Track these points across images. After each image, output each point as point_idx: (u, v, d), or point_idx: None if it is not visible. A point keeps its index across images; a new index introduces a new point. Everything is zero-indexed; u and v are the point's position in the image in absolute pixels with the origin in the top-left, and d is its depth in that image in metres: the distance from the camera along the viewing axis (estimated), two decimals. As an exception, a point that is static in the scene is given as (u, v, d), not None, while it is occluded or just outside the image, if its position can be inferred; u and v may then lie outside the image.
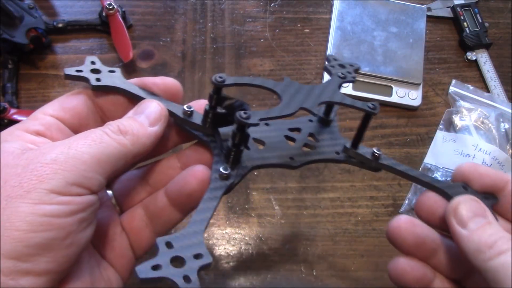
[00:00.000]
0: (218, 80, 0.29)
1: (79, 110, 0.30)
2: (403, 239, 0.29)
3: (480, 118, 0.55)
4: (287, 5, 0.64)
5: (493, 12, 0.67)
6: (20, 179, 0.23)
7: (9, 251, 0.22)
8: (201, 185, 0.29)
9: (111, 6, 0.56)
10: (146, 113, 0.29)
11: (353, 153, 0.33)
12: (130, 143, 0.27)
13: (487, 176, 0.29)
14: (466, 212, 0.27)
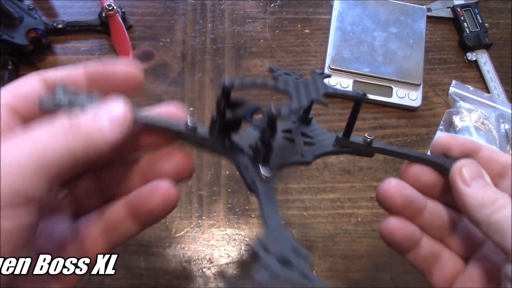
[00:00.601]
0: (227, 83, 0.27)
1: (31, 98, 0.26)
2: (393, 200, 0.32)
3: (480, 119, 0.55)
4: (287, 6, 0.64)
5: (493, 12, 0.67)
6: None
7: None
8: (165, 202, 0.28)
9: (111, 7, 0.56)
10: (111, 116, 0.25)
11: (347, 142, 0.34)
12: (81, 146, 0.24)
13: (464, 142, 0.32)
14: (469, 173, 0.29)
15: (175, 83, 0.57)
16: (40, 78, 0.27)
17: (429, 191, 0.32)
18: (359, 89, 0.57)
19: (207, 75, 0.58)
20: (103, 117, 0.25)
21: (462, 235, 0.32)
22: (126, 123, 0.26)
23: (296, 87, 0.31)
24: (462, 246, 0.32)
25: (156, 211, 0.29)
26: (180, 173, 0.30)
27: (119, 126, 0.25)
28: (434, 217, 0.32)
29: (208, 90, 0.57)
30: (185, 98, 0.57)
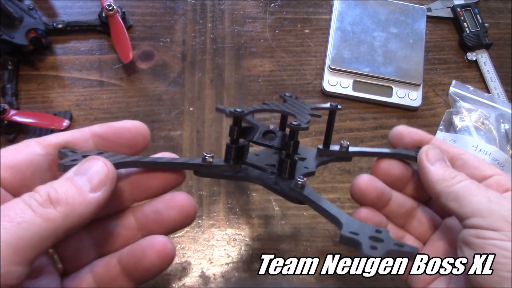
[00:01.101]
0: (237, 111, 0.29)
1: (23, 167, 0.25)
2: (367, 193, 0.35)
3: (480, 119, 0.55)
4: (287, 6, 0.64)
5: (493, 12, 0.67)
6: None
7: None
8: (161, 258, 0.27)
9: (111, 7, 0.56)
10: (88, 175, 0.24)
11: (327, 152, 0.38)
12: (61, 217, 0.22)
13: (416, 132, 0.37)
14: (433, 154, 0.34)
15: (175, 83, 0.57)
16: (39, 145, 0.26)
17: (397, 183, 0.37)
18: (359, 89, 0.58)
19: (207, 75, 0.58)
20: (81, 179, 0.24)
21: (421, 220, 0.37)
22: (110, 180, 0.25)
23: (292, 107, 0.35)
24: (421, 230, 0.37)
25: (152, 268, 0.27)
26: (184, 221, 0.29)
27: (101, 184, 0.24)
28: (398, 206, 0.36)
29: (208, 90, 0.57)
30: (185, 98, 0.57)
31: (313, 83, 0.59)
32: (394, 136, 0.38)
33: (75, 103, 0.55)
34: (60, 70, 0.57)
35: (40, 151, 0.26)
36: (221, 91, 0.57)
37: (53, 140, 0.27)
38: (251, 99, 0.57)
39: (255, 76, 0.59)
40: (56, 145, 0.27)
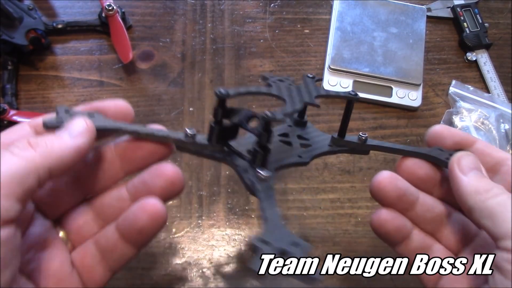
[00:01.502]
0: (221, 92, 0.29)
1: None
2: (386, 192, 0.32)
3: (480, 119, 0.55)
4: (287, 6, 0.64)
5: (493, 12, 0.67)
6: None
7: None
8: (153, 219, 0.28)
9: (111, 7, 0.56)
10: (68, 129, 0.26)
11: (342, 141, 0.35)
12: (40, 156, 0.24)
13: (457, 133, 0.33)
14: (467, 163, 0.30)
15: (174, 83, 0.57)
16: (31, 125, 0.28)
17: (424, 184, 0.33)
18: (359, 89, 0.58)
19: (207, 75, 0.58)
20: (63, 131, 0.26)
21: (453, 229, 0.33)
22: (88, 131, 0.27)
23: (289, 92, 0.32)
24: (453, 240, 0.33)
25: (146, 229, 0.28)
26: (171, 190, 0.30)
27: (80, 134, 0.26)
28: (426, 210, 0.33)
29: (208, 90, 0.57)
30: (185, 98, 0.57)
31: (313, 83, 0.59)
32: (432, 136, 0.34)
33: (75, 103, 0.55)
34: (60, 70, 0.57)
35: (29, 129, 0.28)
36: (221, 91, 0.57)
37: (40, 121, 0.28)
38: (251, 99, 0.57)
39: (255, 76, 0.59)
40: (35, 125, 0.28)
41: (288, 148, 0.35)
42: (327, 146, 0.36)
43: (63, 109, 0.28)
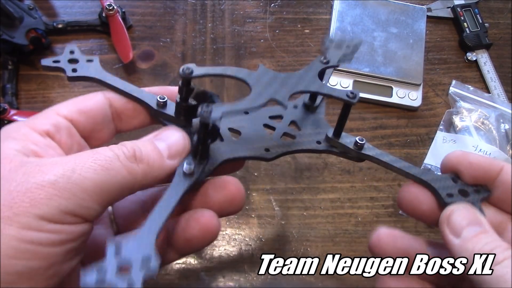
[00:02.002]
0: (185, 71, 0.27)
1: (94, 114, 0.28)
2: (384, 253, 0.29)
3: (480, 119, 0.55)
4: (287, 6, 0.64)
5: (493, 12, 0.67)
6: (11, 198, 0.21)
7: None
8: (203, 232, 0.27)
9: (111, 7, 0.56)
10: (169, 143, 0.27)
11: (334, 142, 0.32)
12: (141, 174, 0.25)
13: (477, 165, 0.28)
14: (460, 220, 0.25)
15: (175, 83, 0.57)
16: (105, 96, 0.29)
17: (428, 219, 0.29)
18: (359, 89, 0.58)
19: (207, 75, 0.58)
20: (161, 144, 0.26)
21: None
22: (186, 151, 0.27)
23: (271, 81, 0.28)
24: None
25: (194, 240, 0.28)
26: (229, 206, 0.29)
27: (178, 155, 0.27)
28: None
29: (208, 89, 0.57)
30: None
31: (313, 83, 0.59)
32: (446, 164, 0.29)
33: (75, 103, 0.55)
34: (60, 70, 0.57)
35: (105, 101, 0.29)
36: (221, 91, 0.57)
37: (115, 95, 0.30)
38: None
39: (255, 76, 0.59)
40: (119, 100, 0.29)
41: (265, 135, 0.32)
42: (314, 143, 0.32)
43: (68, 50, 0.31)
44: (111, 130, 0.29)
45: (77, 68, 0.30)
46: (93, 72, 0.30)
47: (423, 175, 0.29)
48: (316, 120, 0.33)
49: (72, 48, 0.31)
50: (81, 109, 0.28)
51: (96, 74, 0.30)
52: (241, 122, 0.32)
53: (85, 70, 0.30)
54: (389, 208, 0.53)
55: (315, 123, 0.33)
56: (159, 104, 0.30)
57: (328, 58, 0.31)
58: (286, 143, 0.32)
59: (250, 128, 0.32)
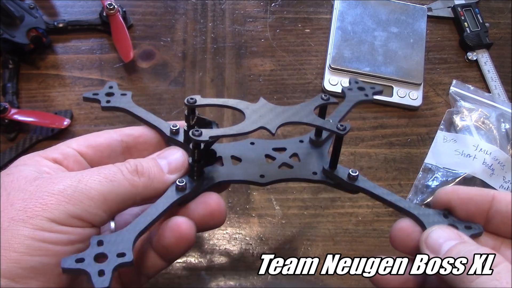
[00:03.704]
0: (189, 101, 0.31)
1: (102, 148, 0.31)
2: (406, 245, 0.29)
3: (481, 118, 0.55)
4: (288, 5, 0.64)
5: (494, 12, 0.67)
6: (25, 204, 0.24)
7: (5, 271, 0.23)
8: (178, 240, 0.29)
9: (112, 6, 0.56)
10: (169, 160, 0.30)
11: (329, 174, 0.33)
12: (142, 186, 0.28)
13: (468, 200, 0.28)
14: (437, 238, 0.26)
15: (175, 82, 0.57)
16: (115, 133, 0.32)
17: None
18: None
19: (207, 75, 0.58)
20: (162, 161, 0.29)
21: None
22: (184, 168, 0.30)
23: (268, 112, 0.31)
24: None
25: (171, 248, 0.29)
26: (209, 221, 0.30)
27: (177, 170, 0.29)
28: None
29: (208, 89, 0.57)
30: (186, 97, 0.56)
31: (313, 83, 0.59)
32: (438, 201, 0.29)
33: (76, 102, 0.55)
34: (61, 69, 0.57)
35: (117, 137, 0.32)
36: (221, 90, 0.57)
37: (127, 131, 0.32)
38: (252, 98, 0.57)
39: (255, 75, 0.59)
40: (130, 136, 0.32)
41: (263, 163, 0.34)
42: (311, 174, 0.34)
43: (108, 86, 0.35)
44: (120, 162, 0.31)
45: (111, 100, 0.34)
46: (123, 103, 0.34)
47: (413, 209, 0.30)
48: (320, 154, 0.35)
49: (112, 84, 0.35)
50: (90, 144, 0.30)
51: (125, 105, 0.34)
52: (245, 151, 0.35)
53: (117, 101, 0.34)
54: (389, 208, 0.52)
55: (317, 157, 0.35)
56: (172, 131, 0.33)
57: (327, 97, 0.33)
58: (283, 171, 0.34)
59: (252, 157, 0.35)
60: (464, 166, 0.52)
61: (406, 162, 0.55)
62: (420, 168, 0.54)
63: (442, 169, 0.53)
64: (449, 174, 0.52)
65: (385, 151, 0.56)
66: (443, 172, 0.53)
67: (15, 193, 0.25)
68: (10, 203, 0.24)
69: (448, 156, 0.53)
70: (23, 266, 0.23)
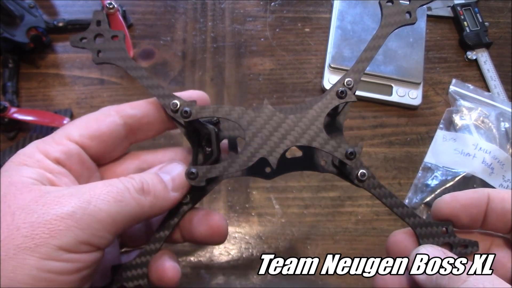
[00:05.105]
0: (183, 115, 0.29)
1: (106, 137, 0.29)
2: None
3: (481, 117, 0.55)
4: (288, 5, 0.64)
5: (493, 11, 0.67)
6: (32, 230, 0.23)
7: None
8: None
9: (112, 5, 0.56)
10: (173, 175, 0.28)
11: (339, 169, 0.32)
12: (149, 206, 0.27)
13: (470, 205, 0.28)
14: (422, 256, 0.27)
15: (175, 81, 0.57)
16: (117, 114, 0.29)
17: None
18: (359, 88, 0.57)
19: (207, 74, 0.58)
20: (166, 177, 0.28)
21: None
22: (187, 185, 0.28)
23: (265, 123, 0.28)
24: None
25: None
26: (210, 238, 0.31)
27: (181, 189, 0.28)
28: None
29: (208, 88, 0.57)
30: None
31: (313, 82, 0.59)
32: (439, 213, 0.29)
33: (76, 101, 0.55)
34: (61, 68, 0.57)
35: (120, 121, 0.29)
36: (221, 89, 0.57)
37: (129, 111, 0.30)
38: (251, 97, 0.57)
39: (255, 74, 0.59)
40: (133, 117, 0.30)
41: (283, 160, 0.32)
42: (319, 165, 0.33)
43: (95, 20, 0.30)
44: (123, 148, 0.30)
45: (102, 49, 0.30)
46: (118, 57, 0.30)
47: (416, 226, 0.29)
48: (335, 128, 0.33)
49: (99, 17, 0.30)
50: (93, 134, 0.28)
51: (122, 62, 0.30)
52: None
53: (110, 51, 0.30)
54: (389, 207, 0.53)
55: (334, 131, 0.32)
56: (173, 110, 0.30)
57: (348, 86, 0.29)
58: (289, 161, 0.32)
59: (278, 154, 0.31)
60: (464, 165, 0.52)
61: (405, 161, 0.55)
62: (420, 167, 0.54)
63: (442, 168, 0.53)
64: (449, 173, 0.52)
65: (385, 150, 0.56)
66: (442, 171, 0.53)
67: (20, 214, 0.23)
68: (15, 227, 0.23)
69: (448, 155, 0.53)
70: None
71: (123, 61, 0.30)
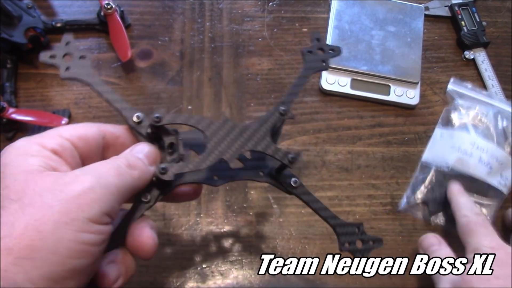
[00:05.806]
0: (154, 120, 0.31)
1: (90, 142, 0.32)
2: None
3: (478, 116, 0.55)
4: (285, 5, 0.64)
5: (491, 11, 0.67)
6: (65, 205, 0.25)
7: (48, 273, 0.24)
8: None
9: (110, 6, 0.56)
10: (144, 153, 0.31)
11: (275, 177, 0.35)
12: (137, 178, 0.30)
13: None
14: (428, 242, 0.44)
15: (173, 81, 0.58)
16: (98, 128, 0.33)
17: None
18: (357, 87, 0.58)
19: (205, 74, 0.58)
20: (141, 155, 0.31)
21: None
22: (157, 158, 0.32)
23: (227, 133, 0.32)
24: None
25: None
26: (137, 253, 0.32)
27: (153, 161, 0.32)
28: None
29: (206, 88, 0.57)
30: (184, 96, 0.57)
31: (311, 82, 0.59)
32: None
33: (74, 101, 0.55)
34: (59, 68, 0.57)
35: (101, 133, 0.32)
36: (219, 89, 0.58)
37: (110, 129, 0.33)
38: (249, 97, 0.57)
39: (253, 74, 0.59)
40: (112, 134, 0.33)
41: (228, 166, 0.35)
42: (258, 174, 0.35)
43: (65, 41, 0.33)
44: (98, 159, 0.32)
45: (71, 66, 0.33)
46: (85, 74, 0.33)
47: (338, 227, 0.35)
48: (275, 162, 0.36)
49: (68, 39, 0.33)
50: (81, 136, 0.31)
51: (88, 78, 0.33)
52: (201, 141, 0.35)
53: (78, 69, 0.33)
54: (387, 206, 0.53)
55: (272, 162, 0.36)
56: (135, 122, 0.33)
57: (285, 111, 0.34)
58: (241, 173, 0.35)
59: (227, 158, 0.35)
60: (461, 164, 0.52)
61: (403, 161, 0.55)
62: (418, 165, 0.54)
63: (439, 166, 0.53)
64: (446, 171, 0.52)
65: (383, 150, 0.56)
66: (440, 169, 0.53)
67: (47, 195, 0.25)
68: (48, 205, 0.25)
69: (445, 153, 0.53)
70: (65, 269, 0.24)
71: (90, 77, 0.33)
